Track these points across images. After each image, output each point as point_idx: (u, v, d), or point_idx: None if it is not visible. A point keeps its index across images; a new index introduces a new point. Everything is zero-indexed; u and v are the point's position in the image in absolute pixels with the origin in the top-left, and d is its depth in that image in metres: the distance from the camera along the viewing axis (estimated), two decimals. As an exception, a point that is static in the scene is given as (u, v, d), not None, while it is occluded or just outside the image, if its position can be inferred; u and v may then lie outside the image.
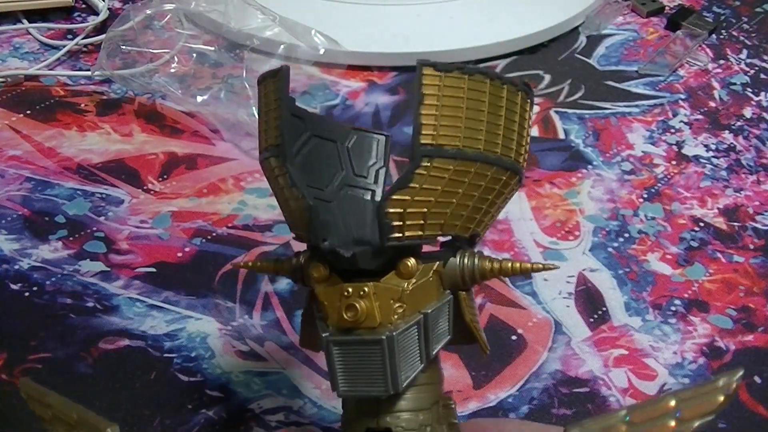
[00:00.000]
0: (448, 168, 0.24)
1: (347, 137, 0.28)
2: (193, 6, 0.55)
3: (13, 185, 0.47)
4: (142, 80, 0.52)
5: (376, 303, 0.24)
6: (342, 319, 0.24)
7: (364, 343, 0.24)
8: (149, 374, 0.38)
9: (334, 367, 0.24)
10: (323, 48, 0.54)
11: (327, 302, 0.25)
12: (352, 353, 0.24)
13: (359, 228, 0.25)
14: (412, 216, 0.24)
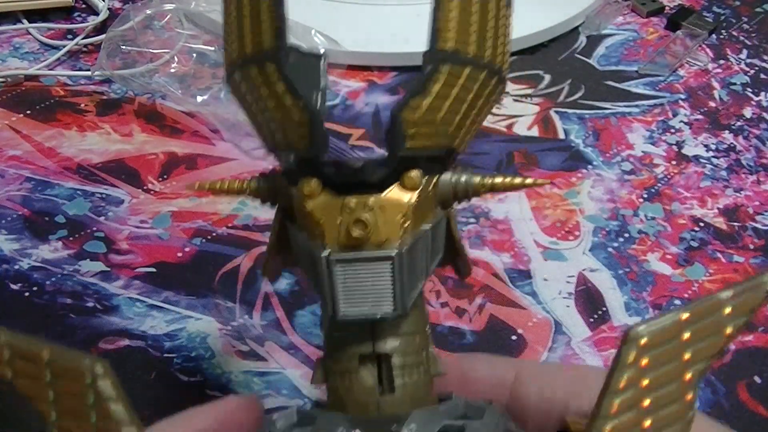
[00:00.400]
0: (461, 75, 0.23)
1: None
2: (193, 6, 0.55)
3: (13, 185, 0.47)
4: (142, 80, 0.52)
5: (381, 217, 0.22)
6: (347, 236, 0.22)
7: (372, 260, 0.22)
8: (149, 374, 0.38)
9: (335, 288, 0.22)
10: (323, 48, 0.54)
11: (324, 218, 0.23)
12: (357, 272, 0.22)
13: None
14: (425, 124, 0.23)
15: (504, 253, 0.44)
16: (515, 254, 0.44)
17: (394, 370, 0.23)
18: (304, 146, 0.23)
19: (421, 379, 0.24)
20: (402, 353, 0.23)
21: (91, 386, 0.22)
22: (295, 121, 0.23)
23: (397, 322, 0.23)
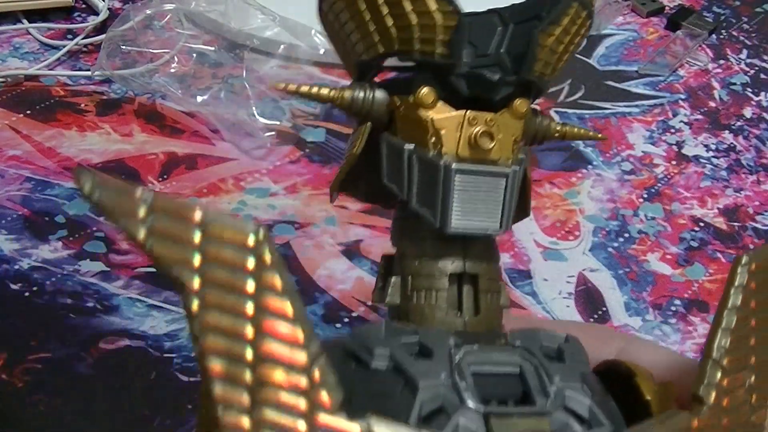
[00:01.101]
0: (581, 14, 0.23)
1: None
2: (193, 6, 0.55)
3: (13, 185, 0.47)
4: (142, 80, 0.52)
5: (499, 136, 0.23)
6: (470, 147, 0.22)
7: (490, 174, 0.22)
8: (149, 374, 0.38)
9: (450, 199, 0.22)
10: (323, 48, 0.54)
11: (445, 129, 0.22)
12: (475, 185, 0.22)
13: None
14: (551, 53, 0.23)
15: (504, 253, 0.44)
16: (515, 254, 0.44)
17: (479, 291, 0.23)
18: (443, 52, 0.22)
19: (497, 306, 0.24)
20: (487, 277, 0.24)
21: (252, 251, 0.19)
22: (438, 25, 0.22)
23: (486, 246, 0.24)
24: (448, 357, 0.22)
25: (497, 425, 0.21)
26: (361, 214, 0.46)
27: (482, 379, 0.22)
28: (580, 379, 0.22)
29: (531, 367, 0.22)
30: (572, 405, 0.22)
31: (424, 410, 0.21)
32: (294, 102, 0.53)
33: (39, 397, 0.37)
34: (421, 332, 0.22)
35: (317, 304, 0.41)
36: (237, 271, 0.19)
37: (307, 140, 0.50)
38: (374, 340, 0.22)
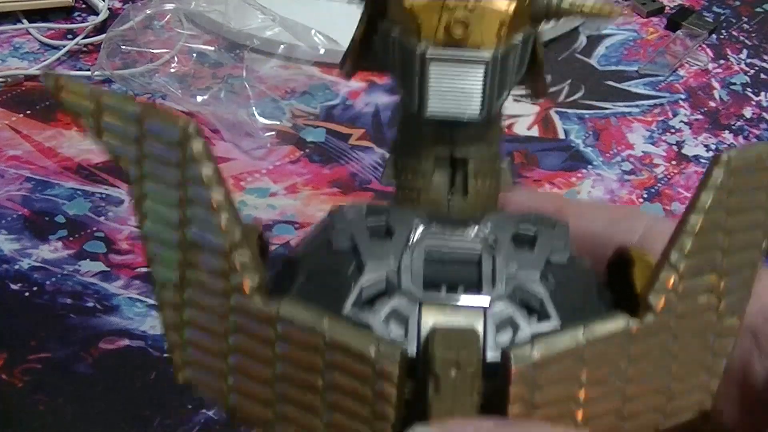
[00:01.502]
0: None
1: None
2: (193, 6, 0.55)
3: (13, 185, 0.47)
4: (142, 80, 0.52)
5: (480, 21, 0.22)
6: (446, 35, 0.22)
7: (466, 61, 0.22)
8: (149, 374, 0.38)
9: (426, 85, 0.22)
10: (323, 48, 0.54)
11: (423, 16, 0.22)
12: (451, 72, 0.22)
13: None
14: None
15: None
16: None
17: (468, 174, 0.24)
18: None
19: (493, 187, 0.24)
20: (478, 159, 0.24)
21: (181, 145, 0.22)
22: None
23: (476, 129, 0.23)
24: (405, 239, 0.22)
25: (428, 314, 0.21)
26: (361, 214, 0.46)
27: (436, 264, 0.22)
28: (542, 268, 0.22)
29: (488, 255, 0.22)
30: (524, 296, 0.21)
31: (367, 293, 0.21)
32: (294, 102, 0.53)
33: (39, 397, 0.37)
34: (391, 212, 0.23)
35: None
36: (166, 164, 0.21)
37: (307, 140, 0.50)
38: (344, 219, 0.23)
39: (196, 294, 0.22)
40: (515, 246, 0.22)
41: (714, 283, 0.21)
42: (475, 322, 0.21)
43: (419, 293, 0.21)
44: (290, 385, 0.21)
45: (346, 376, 0.20)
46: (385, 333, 0.21)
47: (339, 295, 0.21)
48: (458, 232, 0.22)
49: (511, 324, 0.21)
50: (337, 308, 0.21)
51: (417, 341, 0.21)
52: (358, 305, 0.21)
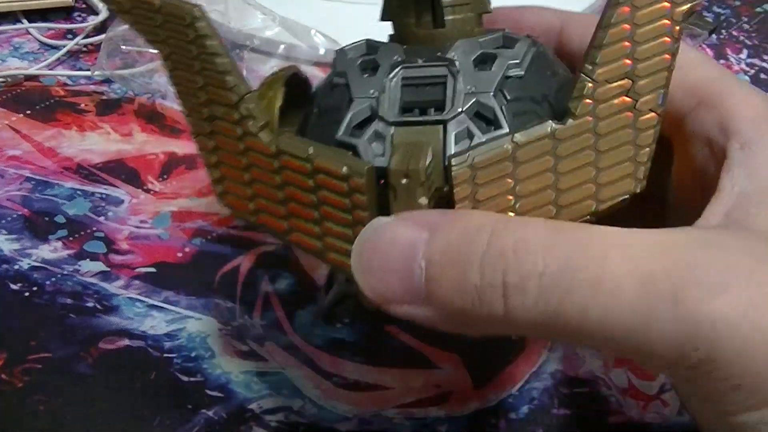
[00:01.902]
0: None
1: None
2: (193, 6, 0.55)
3: (13, 185, 0.47)
4: (142, 80, 0.52)
5: None
6: None
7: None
8: (149, 374, 0.38)
9: None
10: (323, 48, 0.54)
11: None
12: None
13: None
14: None
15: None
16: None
17: (444, 8, 0.28)
18: None
19: (468, 16, 0.28)
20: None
21: (190, 26, 0.27)
22: None
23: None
24: (387, 72, 0.27)
25: (398, 133, 0.26)
26: (361, 214, 0.46)
27: (412, 90, 0.27)
28: (497, 83, 0.26)
29: (451, 77, 0.26)
30: (481, 109, 0.26)
31: (355, 119, 0.27)
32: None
33: (39, 397, 0.37)
34: (380, 49, 0.28)
35: (317, 304, 0.41)
36: (184, 41, 0.27)
37: (307, 140, 0.50)
38: (344, 59, 0.28)
39: (222, 139, 0.28)
40: (477, 67, 0.27)
41: (627, 86, 0.25)
42: (436, 136, 0.26)
43: (393, 117, 0.26)
44: (294, 202, 0.27)
45: (329, 192, 0.26)
46: (369, 151, 0.26)
47: (337, 124, 0.27)
48: (431, 61, 0.27)
49: (467, 135, 0.26)
50: (334, 134, 0.27)
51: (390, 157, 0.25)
52: (348, 130, 0.27)
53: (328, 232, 0.26)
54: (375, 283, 0.24)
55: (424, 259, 0.23)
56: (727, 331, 0.22)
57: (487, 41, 0.27)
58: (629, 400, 0.38)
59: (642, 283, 0.22)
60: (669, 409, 0.37)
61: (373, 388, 0.38)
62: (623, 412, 0.37)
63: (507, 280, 0.22)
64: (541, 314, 0.22)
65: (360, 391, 0.38)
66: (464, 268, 0.23)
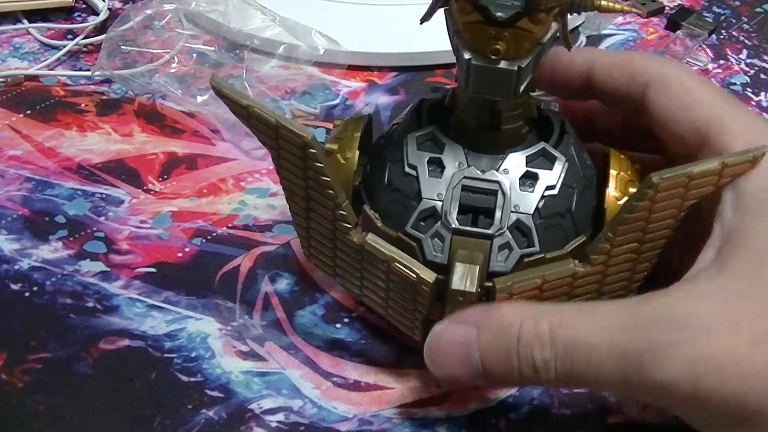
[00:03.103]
0: None
1: None
2: (193, 6, 0.55)
3: (13, 185, 0.47)
4: (142, 80, 0.52)
5: (512, 43, 0.31)
6: (485, 53, 0.31)
7: (499, 72, 0.31)
8: (149, 374, 0.38)
9: (470, 79, 0.32)
10: (323, 48, 0.54)
11: (471, 37, 0.31)
12: (488, 75, 0.32)
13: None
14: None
15: None
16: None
17: (503, 119, 0.34)
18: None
19: (519, 124, 0.35)
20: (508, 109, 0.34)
21: (302, 149, 0.33)
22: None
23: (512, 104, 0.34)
24: (451, 176, 0.34)
25: (455, 240, 0.33)
26: (361, 214, 0.46)
27: (470, 192, 0.34)
28: (536, 205, 0.34)
29: (501, 193, 0.34)
30: (520, 226, 0.34)
31: (422, 215, 0.34)
32: (294, 102, 0.53)
33: (39, 397, 0.37)
34: (446, 148, 0.34)
35: (317, 304, 0.41)
36: (294, 156, 0.33)
37: (307, 140, 0.50)
38: (414, 148, 0.35)
39: (315, 222, 0.35)
40: (522, 186, 0.34)
41: (635, 249, 0.33)
42: (484, 248, 0.33)
43: (453, 223, 0.33)
44: (369, 280, 0.35)
45: (399, 284, 0.34)
46: (430, 247, 0.34)
47: (405, 214, 0.34)
48: (487, 169, 0.34)
49: (508, 247, 0.33)
50: (403, 223, 0.34)
51: (448, 256, 0.33)
52: (415, 224, 0.34)
53: (393, 305, 0.35)
54: (445, 372, 0.33)
55: (477, 351, 0.32)
56: (677, 389, 0.29)
57: (532, 157, 0.34)
58: (629, 400, 0.38)
59: (617, 359, 0.30)
60: (669, 409, 0.37)
61: (373, 388, 0.38)
62: (623, 412, 0.37)
63: (536, 363, 0.31)
64: (562, 380, 0.31)
65: (360, 391, 0.38)
66: (507, 355, 0.31)
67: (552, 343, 0.30)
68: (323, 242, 0.36)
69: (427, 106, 0.37)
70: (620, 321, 0.30)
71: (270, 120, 0.33)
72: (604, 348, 0.30)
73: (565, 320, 0.31)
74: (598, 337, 0.30)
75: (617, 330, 0.30)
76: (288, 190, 0.35)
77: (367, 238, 0.34)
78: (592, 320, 0.30)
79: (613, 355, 0.29)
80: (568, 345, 0.30)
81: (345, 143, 0.36)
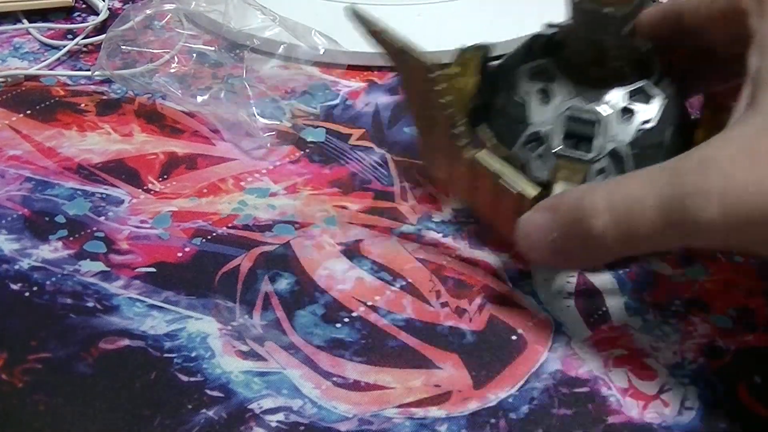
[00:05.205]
0: None
1: None
2: (193, 6, 0.55)
3: (13, 185, 0.47)
4: (142, 80, 0.52)
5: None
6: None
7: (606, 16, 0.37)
8: (149, 374, 0.38)
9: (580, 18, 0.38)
10: (323, 48, 0.54)
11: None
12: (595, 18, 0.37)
13: None
14: None
15: (504, 254, 0.44)
16: (515, 254, 0.44)
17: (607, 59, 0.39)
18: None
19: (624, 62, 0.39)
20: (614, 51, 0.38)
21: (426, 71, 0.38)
22: None
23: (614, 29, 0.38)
24: (557, 106, 0.38)
25: (557, 163, 0.38)
26: (361, 214, 0.46)
27: (573, 123, 0.38)
28: (632, 135, 0.38)
29: (602, 122, 0.38)
30: (616, 153, 0.38)
31: (528, 139, 0.39)
32: (294, 102, 0.53)
33: (39, 397, 0.37)
34: (556, 80, 0.39)
35: (317, 304, 0.41)
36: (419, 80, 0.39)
37: (307, 140, 0.50)
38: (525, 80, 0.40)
39: (435, 138, 0.41)
40: (622, 118, 0.38)
41: None
42: (582, 171, 0.38)
43: (557, 147, 0.38)
44: (480, 192, 0.40)
45: (505, 197, 0.39)
46: (535, 167, 0.39)
47: (514, 137, 0.39)
48: (591, 101, 0.38)
49: (603, 172, 0.38)
50: (511, 144, 0.39)
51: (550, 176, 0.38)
52: (522, 147, 0.39)
53: (498, 213, 0.40)
54: (533, 254, 0.38)
55: (554, 231, 0.36)
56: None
57: (633, 93, 0.38)
58: (629, 400, 0.38)
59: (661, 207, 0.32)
60: (669, 409, 0.37)
61: (373, 388, 0.38)
62: (623, 412, 0.37)
63: (596, 232, 0.34)
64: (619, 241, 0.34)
65: (360, 391, 0.38)
66: (574, 229, 0.35)
67: (607, 209, 0.33)
68: (441, 156, 0.41)
69: (539, 41, 0.41)
70: (664, 174, 0.33)
71: (395, 45, 0.38)
72: (651, 199, 0.32)
73: (618, 186, 0.34)
74: (645, 190, 0.33)
75: (661, 182, 0.32)
76: (412, 108, 0.41)
77: (478, 154, 0.39)
78: (640, 179, 0.33)
79: (658, 204, 0.32)
80: (621, 205, 0.33)
81: (465, 68, 0.41)
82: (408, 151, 0.50)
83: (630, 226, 0.33)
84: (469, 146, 0.39)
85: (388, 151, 0.50)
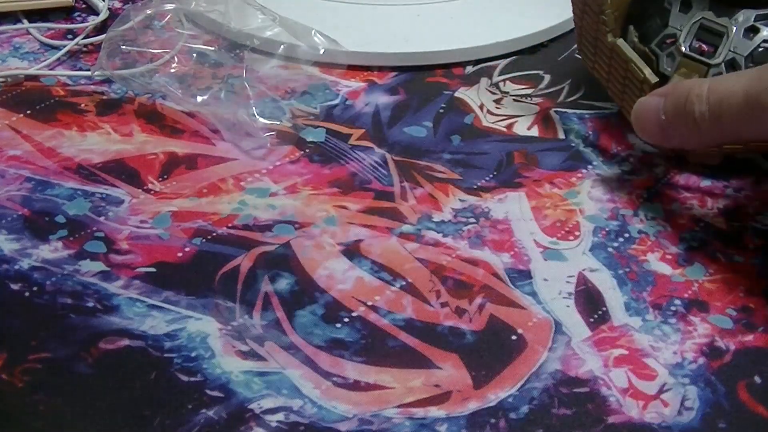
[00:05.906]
0: None
1: None
2: (193, 6, 0.55)
3: (13, 185, 0.47)
4: (142, 80, 0.52)
5: None
6: None
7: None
8: (149, 374, 0.38)
9: None
10: (323, 48, 0.54)
11: None
12: None
13: None
14: None
15: (504, 253, 0.44)
16: (515, 254, 0.44)
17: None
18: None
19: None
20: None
21: None
22: None
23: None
24: (692, 15, 0.46)
25: (683, 62, 0.46)
26: (361, 214, 0.46)
27: (702, 32, 0.46)
28: (751, 51, 0.45)
29: (727, 35, 0.45)
30: (735, 64, 0.45)
31: (663, 39, 0.47)
32: (294, 102, 0.53)
33: (39, 397, 0.37)
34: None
35: (317, 304, 0.41)
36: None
37: (307, 140, 0.50)
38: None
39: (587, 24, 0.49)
40: (745, 34, 0.45)
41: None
42: (702, 72, 0.45)
43: (684, 48, 0.46)
44: (615, 74, 0.48)
45: (633, 80, 0.47)
46: (664, 63, 0.47)
47: (654, 35, 0.47)
48: (722, 15, 0.45)
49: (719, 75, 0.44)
50: (650, 40, 0.47)
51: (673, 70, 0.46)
52: (659, 43, 0.47)
53: (626, 94, 0.48)
54: (644, 132, 0.45)
55: (663, 113, 0.43)
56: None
57: (761, 17, 0.45)
58: (629, 400, 0.38)
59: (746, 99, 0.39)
60: (669, 409, 0.37)
61: (373, 388, 0.38)
62: (623, 412, 0.37)
63: (696, 116, 0.41)
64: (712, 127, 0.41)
65: (360, 391, 0.38)
66: (678, 112, 0.42)
67: (707, 99, 0.40)
68: (589, 40, 0.50)
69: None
70: (754, 74, 0.40)
71: None
72: (741, 93, 0.39)
73: (720, 80, 0.41)
74: (738, 85, 0.40)
75: (750, 79, 0.39)
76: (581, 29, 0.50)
77: (618, 41, 0.47)
78: (737, 76, 0.41)
79: (743, 94, 0.39)
80: (718, 96, 0.40)
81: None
82: (408, 151, 0.50)
83: (721, 111, 0.40)
84: (611, 33, 0.47)
85: (388, 151, 0.50)
